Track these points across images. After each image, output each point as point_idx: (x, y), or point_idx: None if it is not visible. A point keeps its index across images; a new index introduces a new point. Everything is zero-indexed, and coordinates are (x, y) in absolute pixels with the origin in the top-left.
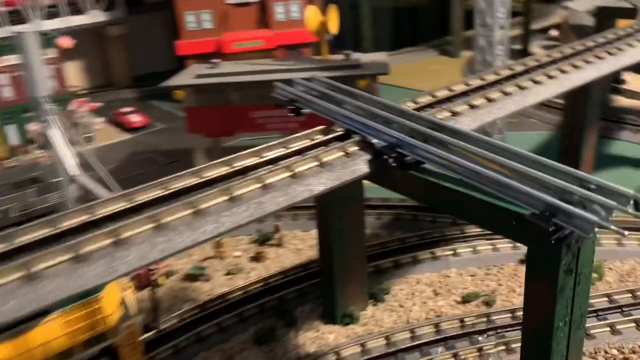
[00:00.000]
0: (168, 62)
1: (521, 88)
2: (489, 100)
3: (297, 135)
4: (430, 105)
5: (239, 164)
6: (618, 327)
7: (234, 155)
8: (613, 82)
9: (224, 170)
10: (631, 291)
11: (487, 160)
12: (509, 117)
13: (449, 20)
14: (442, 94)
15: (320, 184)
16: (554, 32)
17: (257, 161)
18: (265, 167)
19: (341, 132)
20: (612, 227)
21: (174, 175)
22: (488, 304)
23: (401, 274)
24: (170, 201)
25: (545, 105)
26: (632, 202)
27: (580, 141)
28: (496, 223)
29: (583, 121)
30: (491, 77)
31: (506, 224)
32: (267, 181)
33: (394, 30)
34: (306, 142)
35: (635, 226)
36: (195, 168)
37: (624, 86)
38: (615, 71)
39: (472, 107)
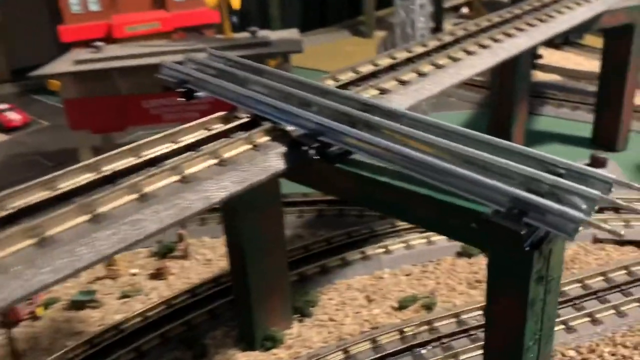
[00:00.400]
0: (53, 51)
1: (454, 60)
2: (420, 74)
3: (188, 125)
4: (353, 83)
5: (107, 169)
6: (572, 323)
7: (101, 157)
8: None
9: (83, 178)
10: (579, 280)
11: (433, 146)
12: (440, 94)
13: (361, 0)
14: (366, 68)
15: (221, 189)
16: (465, 10)
17: (133, 162)
18: (144, 170)
19: (247, 119)
20: (603, 224)
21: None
22: (428, 307)
23: (329, 279)
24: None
25: (464, 83)
26: (612, 187)
27: (509, 118)
28: (449, 225)
29: (512, 97)
30: (419, 49)
31: (462, 226)
32: (146, 190)
33: (304, 9)
34: (201, 134)
35: None
36: (43, 178)
37: (541, 61)
38: (549, 38)
39: (402, 82)
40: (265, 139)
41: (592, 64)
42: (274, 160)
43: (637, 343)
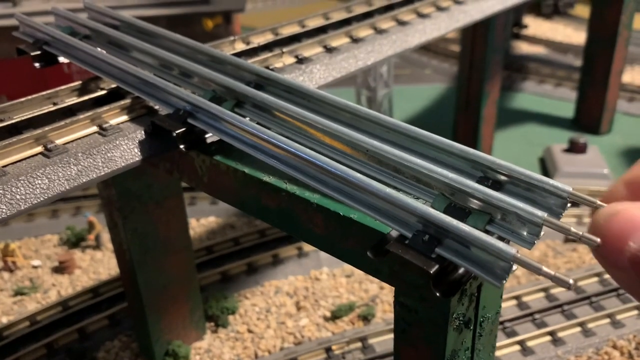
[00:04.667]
0: None
1: (401, 23)
2: (355, 40)
3: (24, 99)
4: (268, 47)
5: None
6: (529, 343)
7: None
8: (514, 26)
9: None
10: (544, 290)
11: (334, 138)
12: (380, 63)
13: None
14: (289, 30)
15: (37, 191)
16: None
17: None
18: None
19: (105, 92)
20: (546, 269)
21: None
22: (365, 318)
23: (257, 280)
24: None
25: (441, 53)
26: (568, 202)
27: (480, 95)
28: (345, 249)
29: (483, 70)
30: (361, 9)
31: (361, 252)
32: None
33: None
34: (38, 110)
35: None
36: None
37: (525, 32)
38: (521, 2)
39: (330, 50)
40: (122, 118)
41: (582, 37)
42: (124, 149)
43: None
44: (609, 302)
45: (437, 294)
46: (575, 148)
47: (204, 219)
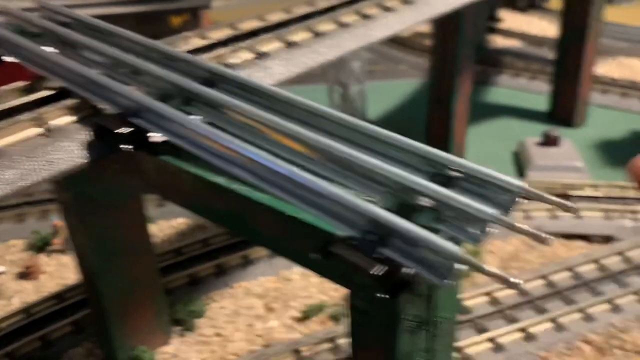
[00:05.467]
0: None
1: (365, 17)
2: (317, 34)
3: None
4: (225, 43)
5: None
6: (501, 340)
7: None
8: (489, 20)
9: None
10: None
11: (285, 136)
12: (342, 58)
13: None
14: (248, 25)
15: None
16: None
17: None
18: None
19: (52, 92)
20: (491, 269)
21: None
22: (335, 318)
23: (226, 282)
24: None
25: (416, 48)
26: (518, 198)
27: (451, 90)
28: (296, 251)
29: (454, 65)
30: (324, 2)
31: (308, 252)
32: None
33: None
34: None
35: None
36: None
37: (500, 25)
38: None
39: (290, 44)
40: (66, 120)
41: (557, 30)
42: (68, 151)
43: None
44: (580, 296)
45: (382, 295)
46: (548, 141)
47: (173, 220)
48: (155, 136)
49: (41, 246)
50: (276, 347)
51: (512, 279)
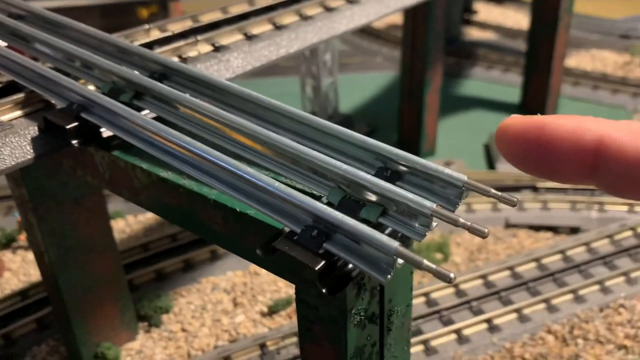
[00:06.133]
0: None
1: (328, 9)
2: (278, 27)
3: None
4: (184, 35)
5: None
6: (466, 332)
7: None
8: (464, 12)
9: None
10: (483, 277)
11: (233, 130)
12: (304, 51)
13: None
14: (209, 17)
15: None
16: None
17: None
18: None
19: None
20: (429, 264)
21: None
22: None
23: (194, 277)
24: None
25: (392, 41)
26: (464, 192)
27: (422, 82)
28: (245, 247)
29: (424, 57)
30: None
31: (253, 247)
32: None
33: None
34: None
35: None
36: None
37: (475, 17)
38: None
39: (250, 37)
40: (14, 114)
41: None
42: (15, 147)
43: (538, 354)
44: (545, 287)
45: (323, 291)
46: None
47: (141, 215)
48: (105, 131)
49: (6, 243)
50: (242, 342)
51: (448, 274)
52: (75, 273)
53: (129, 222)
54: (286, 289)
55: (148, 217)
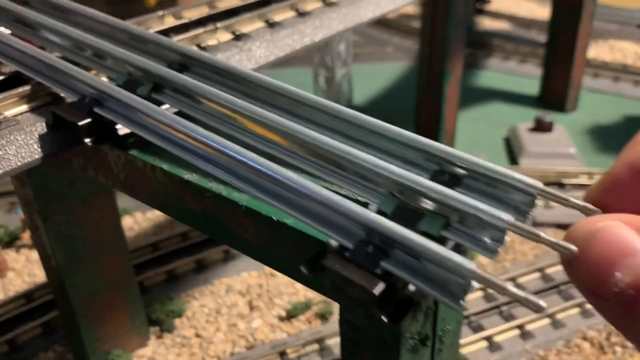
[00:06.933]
0: None
1: None
2: (301, 14)
3: None
4: (201, 23)
5: None
6: (497, 338)
7: None
8: (476, 1)
9: None
10: (512, 279)
11: (266, 128)
12: (329, 39)
13: None
14: (227, 3)
15: None
16: None
17: None
18: None
19: (3, 77)
20: (516, 291)
21: None
22: (323, 317)
23: (206, 279)
24: None
25: (403, 30)
26: (536, 200)
27: (441, 73)
28: (282, 260)
29: (444, 47)
30: None
31: (295, 261)
32: None
33: None
34: None
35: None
36: None
37: (488, 7)
38: None
39: (272, 25)
40: (19, 109)
41: (546, 11)
42: (20, 145)
43: None
44: (578, 291)
45: (384, 319)
46: (541, 127)
47: (150, 212)
48: (121, 127)
49: (9, 241)
50: (260, 348)
51: (538, 303)
52: (84, 276)
53: (137, 219)
54: (304, 291)
55: (157, 214)
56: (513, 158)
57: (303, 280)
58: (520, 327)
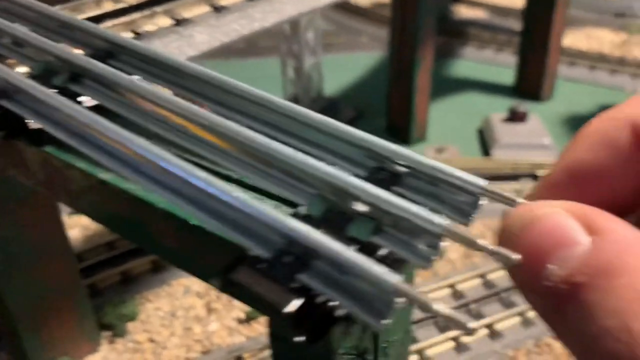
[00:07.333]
0: None
1: None
2: None
3: None
4: (139, 7)
5: None
6: (465, 338)
7: None
8: None
9: None
10: (481, 275)
11: (189, 121)
12: (281, 24)
13: None
14: None
15: None
16: None
17: None
18: None
19: None
20: (441, 309)
21: None
22: None
23: (164, 279)
24: None
25: (377, 19)
26: (480, 200)
27: (412, 62)
28: (202, 267)
29: (415, 35)
30: None
31: (214, 269)
32: None
33: None
34: None
35: (485, 174)
36: None
37: None
38: None
39: (218, 9)
40: None
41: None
42: None
43: None
44: None
45: (299, 338)
46: (515, 117)
47: None
48: (30, 122)
49: None
50: (216, 353)
51: (465, 324)
52: (23, 281)
53: None
54: None
55: None
56: (486, 149)
57: (231, 293)
58: (489, 326)
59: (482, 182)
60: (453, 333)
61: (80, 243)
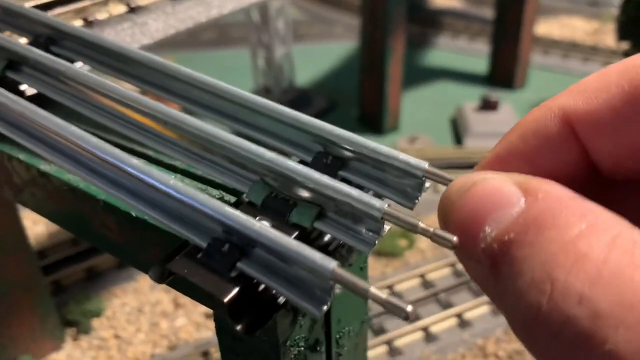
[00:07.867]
0: None
1: None
2: None
3: None
4: None
5: None
6: (433, 329)
7: None
8: None
9: None
10: (452, 265)
11: (125, 106)
12: (241, 12)
13: None
14: None
15: None
16: None
17: None
18: None
19: None
20: (377, 293)
21: None
22: None
23: (130, 275)
24: None
25: (352, 9)
26: (425, 183)
27: (383, 51)
28: (145, 260)
29: (385, 24)
30: None
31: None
32: None
33: None
34: None
35: (457, 163)
36: None
37: None
38: None
39: None
40: None
41: None
42: None
43: (514, 351)
44: None
45: (237, 328)
46: (487, 106)
47: None
48: None
49: None
50: (183, 348)
51: (404, 307)
52: None
53: None
54: None
55: None
56: (459, 138)
57: (174, 286)
58: (458, 315)
59: (424, 165)
60: (422, 323)
61: (44, 239)
